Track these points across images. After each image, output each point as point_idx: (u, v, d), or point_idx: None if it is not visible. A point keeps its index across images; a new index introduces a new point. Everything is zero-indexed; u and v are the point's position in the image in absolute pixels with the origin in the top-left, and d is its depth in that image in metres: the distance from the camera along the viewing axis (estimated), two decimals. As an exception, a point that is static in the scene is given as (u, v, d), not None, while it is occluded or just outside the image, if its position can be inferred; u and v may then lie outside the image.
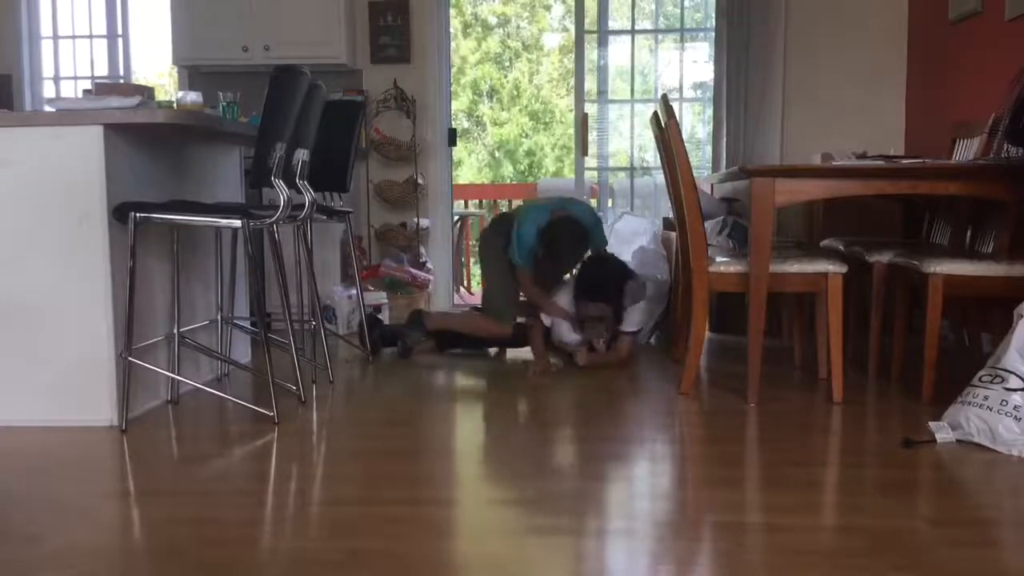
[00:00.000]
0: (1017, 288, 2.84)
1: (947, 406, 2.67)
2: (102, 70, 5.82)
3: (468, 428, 3.00)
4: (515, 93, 14.25)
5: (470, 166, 14.28)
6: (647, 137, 5.47)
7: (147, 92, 3.22)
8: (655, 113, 3.71)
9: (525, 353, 3.97)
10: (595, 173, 5.55)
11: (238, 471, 2.46)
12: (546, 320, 3.79)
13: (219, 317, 3.50)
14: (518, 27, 14.31)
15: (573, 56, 5.49)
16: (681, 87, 5.45)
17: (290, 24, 5.09)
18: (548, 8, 14.18)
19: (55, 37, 5.85)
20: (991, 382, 2.54)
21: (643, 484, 2.39)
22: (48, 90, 5.82)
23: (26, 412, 2.83)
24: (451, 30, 5.75)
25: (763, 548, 1.86)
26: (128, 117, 2.78)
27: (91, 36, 5.85)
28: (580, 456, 2.65)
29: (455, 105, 8.74)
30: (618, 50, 5.49)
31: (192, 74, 5.43)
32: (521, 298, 3.91)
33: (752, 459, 2.57)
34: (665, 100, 3.20)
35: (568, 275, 3.92)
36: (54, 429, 2.79)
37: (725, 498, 2.17)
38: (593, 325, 3.68)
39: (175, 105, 3.26)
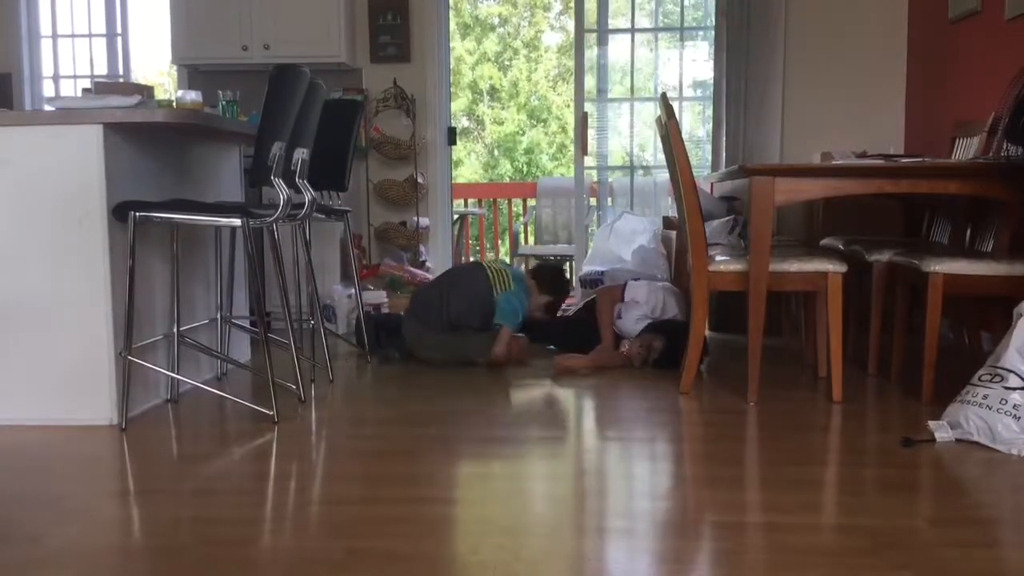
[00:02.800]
0: (1017, 287, 2.84)
1: (947, 405, 2.67)
2: (101, 69, 5.83)
3: (467, 427, 2.99)
4: (514, 91, 14.26)
5: (469, 165, 14.28)
6: (647, 136, 5.47)
7: (147, 91, 3.22)
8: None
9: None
10: (594, 172, 5.55)
11: (238, 470, 2.46)
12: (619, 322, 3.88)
13: (219, 316, 3.50)
14: (518, 27, 14.30)
15: (571, 55, 5.48)
16: (681, 86, 5.45)
17: (289, 23, 5.09)
18: (547, 8, 14.18)
19: (54, 36, 5.85)
20: (990, 381, 2.54)
21: (643, 483, 2.39)
22: (48, 89, 5.82)
23: (26, 411, 2.83)
24: (450, 31, 5.75)
25: (763, 547, 1.86)
26: (128, 116, 2.78)
27: (90, 35, 5.85)
28: (580, 455, 2.65)
29: (454, 105, 8.74)
30: (618, 49, 5.49)
31: (192, 73, 5.43)
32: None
33: (752, 458, 2.57)
34: (665, 99, 3.20)
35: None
36: (54, 428, 2.79)
37: (725, 497, 2.17)
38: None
39: (175, 104, 3.26)
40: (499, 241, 9.08)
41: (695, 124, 5.51)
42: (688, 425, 2.93)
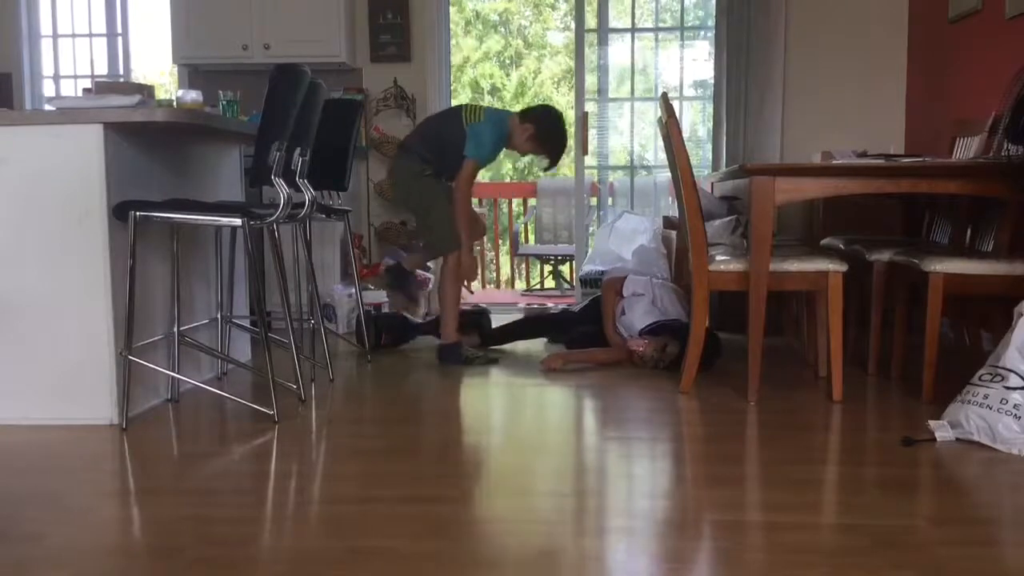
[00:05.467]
0: (1017, 286, 2.83)
1: (947, 404, 2.67)
2: (102, 69, 5.83)
3: (467, 426, 3.00)
4: (518, 91, 14.25)
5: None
6: (647, 136, 5.47)
7: (147, 91, 3.22)
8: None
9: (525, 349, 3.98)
10: (595, 171, 5.55)
11: (238, 470, 2.46)
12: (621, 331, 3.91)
13: (219, 316, 3.50)
14: (520, 26, 14.30)
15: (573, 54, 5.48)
16: (681, 85, 5.45)
17: (290, 22, 5.09)
18: (552, 7, 14.17)
19: (55, 36, 5.85)
20: (991, 380, 2.54)
21: (643, 482, 2.39)
22: (48, 89, 5.82)
23: (26, 411, 2.83)
24: (451, 28, 5.75)
25: (763, 547, 1.86)
26: (128, 116, 2.78)
27: (91, 35, 5.85)
28: (580, 454, 2.65)
29: (455, 104, 8.71)
30: (618, 48, 5.49)
31: (192, 73, 5.43)
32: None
33: (752, 457, 2.57)
34: (665, 98, 3.20)
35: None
36: (54, 428, 2.79)
37: (725, 496, 2.17)
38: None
39: (175, 104, 3.26)
40: (499, 240, 9.07)
41: (696, 124, 5.51)
42: (688, 424, 2.93)
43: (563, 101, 14.02)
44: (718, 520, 2.02)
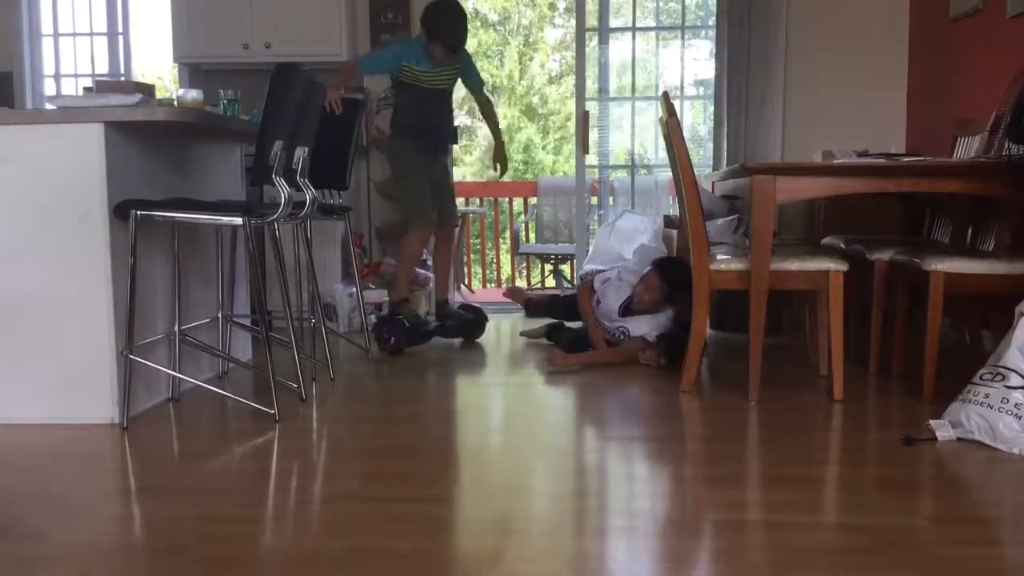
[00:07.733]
0: (1018, 286, 2.83)
1: (948, 404, 2.67)
2: (103, 68, 5.83)
3: (467, 425, 3.00)
4: (511, 87, 14.25)
5: (470, 163, 14.27)
6: (648, 135, 5.47)
7: (148, 90, 3.22)
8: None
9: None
10: (596, 171, 5.55)
11: (239, 468, 2.46)
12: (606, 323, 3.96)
13: (220, 315, 3.50)
14: (519, 23, 14.30)
15: (572, 51, 5.48)
16: (682, 85, 5.44)
17: (291, 21, 5.09)
18: (552, 7, 14.16)
19: (56, 35, 5.84)
20: (992, 380, 2.54)
21: (643, 482, 2.39)
22: (49, 88, 5.82)
23: (27, 410, 2.83)
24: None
25: (764, 546, 1.86)
26: (129, 115, 2.79)
27: (92, 34, 5.84)
28: (580, 454, 2.65)
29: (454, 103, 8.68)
30: (619, 47, 5.49)
31: (193, 71, 5.43)
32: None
33: (753, 457, 2.57)
34: (666, 97, 3.20)
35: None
36: (55, 427, 2.79)
37: (726, 496, 2.17)
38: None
39: (176, 103, 3.26)
40: (500, 239, 9.07)
41: (696, 123, 5.50)
42: (689, 424, 2.93)
43: (559, 98, 14.03)
44: (718, 520, 2.02)
